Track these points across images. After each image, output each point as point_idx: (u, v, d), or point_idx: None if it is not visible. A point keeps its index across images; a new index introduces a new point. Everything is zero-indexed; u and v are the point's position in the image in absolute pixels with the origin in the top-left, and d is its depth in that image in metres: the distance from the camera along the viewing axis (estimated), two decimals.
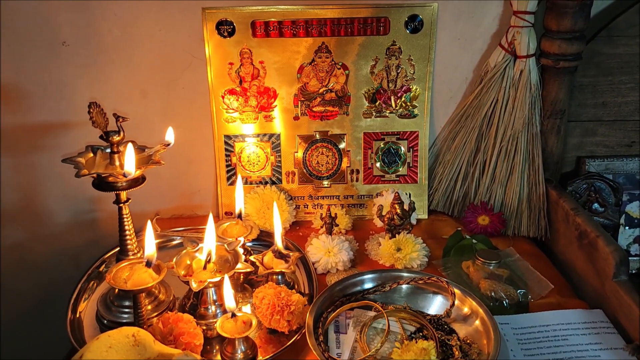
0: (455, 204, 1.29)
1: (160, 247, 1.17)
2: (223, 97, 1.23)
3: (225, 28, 1.17)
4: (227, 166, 1.27)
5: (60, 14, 1.13)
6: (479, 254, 1.09)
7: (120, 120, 0.88)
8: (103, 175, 0.87)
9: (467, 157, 1.25)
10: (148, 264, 0.87)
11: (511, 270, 1.09)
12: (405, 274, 1.03)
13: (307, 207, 1.30)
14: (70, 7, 1.13)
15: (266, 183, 1.29)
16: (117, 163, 0.90)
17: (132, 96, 1.21)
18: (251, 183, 1.29)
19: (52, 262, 1.33)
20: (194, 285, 0.92)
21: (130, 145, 0.87)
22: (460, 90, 1.27)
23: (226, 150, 1.26)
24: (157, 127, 1.21)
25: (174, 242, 1.20)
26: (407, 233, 1.16)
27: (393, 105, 1.25)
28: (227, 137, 1.25)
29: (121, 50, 1.17)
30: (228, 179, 1.28)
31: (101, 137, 0.89)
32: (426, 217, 1.31)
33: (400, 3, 1.17)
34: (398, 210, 1.15)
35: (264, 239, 1.17)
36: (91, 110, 0.85)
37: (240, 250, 1.02)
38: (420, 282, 1.01)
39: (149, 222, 0.87)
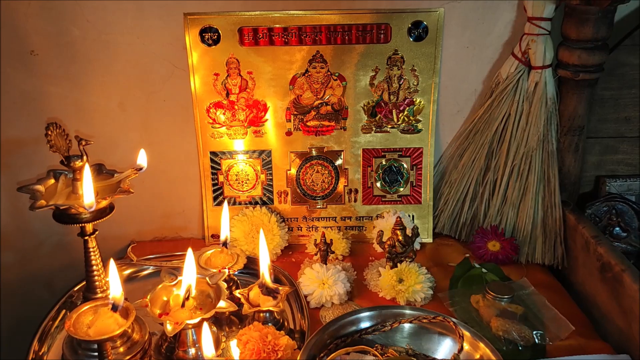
0: (462, 227, 1.19)
1: (134, 277, 1.08)
2: (208, 111, 1.13)
3: (209, 35, 1.08)
4: (214, 185, 1.18)
5: (28, 21, 1.04)
6: (490, 287, 0.99)
7: (84, 143, 0.78)
8: (62, 208, 0.76)
9: (476, 176, 1.16)
10: (114, 307, 0.76)
11: (525, 306, 0.98)
12: (407, 312, 0.93)
13: (301, 230, 1.21)
14: (39, 13, 1.04)
15: (256, 203, 1.19)
16: (81, 191, 0.79)
17: (108, 110, 1.12)
18: (239, 203, 1.19)
19: (25, 288, 1.24)
20: (169, 329, 0.82)
21: (87, 172, 0.75)
22: (468, 104, 1.18)
23: (212, 168, 1.17)
24: (136, 143, 1.15)
25: (151, 270, 1.09)
26: (410, 262, 1.06)
27: (395, 119, 1.15)
28: (214, 153, 1.16)
29: (96, 60, 1.08)
30: (214, 199, 1.19)
31: (62, 162, 0.78)
32: (431, 240, 1.21)
33: (402, 8, 1.08)
34: (400, 237, 1.05)
35: (251, 267, 1.07)
36: (49, 133, 0.75)
37: (224, 284, 0.92)
38: (424, 321, 0.91)
39: (111, 262, 0.76)
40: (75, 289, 1.00)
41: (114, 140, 1.13)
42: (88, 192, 0.74)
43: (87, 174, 0.74)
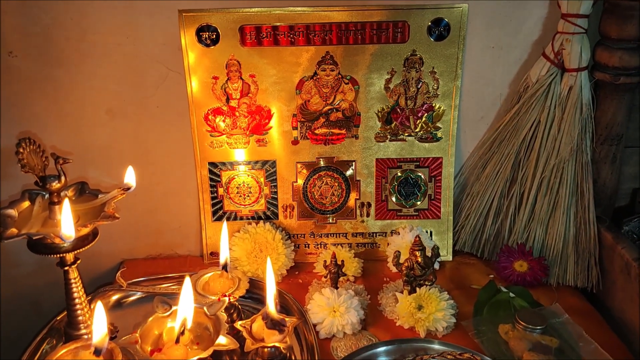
0: (485, 244, 1.10)
1: (123, 302, 0.99)
2: (207, 118, 1.04)
3: (207, 35, 0.99)
4: (213, 199, 1.09)
5: (6, 19, 0.96)
6: (520, 315, 0.90)
7: (61, 162, 0.68)
8: (35, 238, 0.66)
9: (501, 189, 1.07)
10: (97, 352, 0.66)
11: (560, 337, 0.89)
12: (430, 346, 0.85)
13: (308, 247, 1.12)
14: (18, 10, 0.95)
15: (259, 219, 1.10)
16: (58, 217, 0.69)
17: (96, 117, 1.04)
18: (241, 219, 1.10)
19: (11, 308, 1.15)
20: None
21: (66, 203, 0.65)
22: (493, 109, 1.09)
23: (211, 180, 1.08)
24: (126, 154, 1.07)
25: (141, 294, 1.00)
26: (430, 286, 0.96)
27: (412, 126, 1.07)
28: (213, 164, 1.08)
29: (81, 63, 1.00)
30: (214, 213, 1.10)
31: (36, 183, 0.68)
32: (450, 259, 1.12)
33: (422, 4, 0.99)
34: (419, 258, 0.95)
35: (254, 291, 0.98)
36: (21, 150, 0.64)
37: (224, 316, 0.82)
38: (449, 357, 0.81)
39: (99, 304, 0.66)
40: (58, 318, 0.90)
41: (101, 151, 1.05)
42: (67, 224, 0.64)
43: (66, 203, 0.64)
